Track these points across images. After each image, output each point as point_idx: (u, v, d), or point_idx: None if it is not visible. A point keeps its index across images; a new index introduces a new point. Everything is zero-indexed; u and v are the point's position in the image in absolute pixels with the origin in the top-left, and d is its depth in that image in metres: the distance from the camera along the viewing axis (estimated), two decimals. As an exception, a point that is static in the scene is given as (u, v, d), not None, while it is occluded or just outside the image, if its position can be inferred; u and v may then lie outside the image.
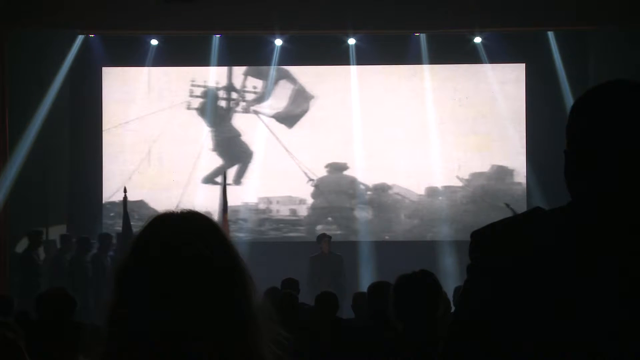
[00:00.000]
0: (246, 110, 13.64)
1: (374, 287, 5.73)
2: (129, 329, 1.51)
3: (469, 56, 13.09)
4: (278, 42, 13.07)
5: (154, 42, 13.13)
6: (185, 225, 1.61)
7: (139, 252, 1.57)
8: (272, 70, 13.46)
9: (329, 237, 11.77)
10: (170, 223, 1.62)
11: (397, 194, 13.44)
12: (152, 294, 1.51)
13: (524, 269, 1.52)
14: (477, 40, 12.97)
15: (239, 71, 13.68)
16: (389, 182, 13.44)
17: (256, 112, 13.63)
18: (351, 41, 13.06)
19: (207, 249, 1.56)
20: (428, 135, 13.31)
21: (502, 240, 1.58)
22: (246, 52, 13.33)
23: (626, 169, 1.54)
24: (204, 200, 13.07)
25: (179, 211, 1.65)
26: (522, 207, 11.69)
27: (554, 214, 1.59)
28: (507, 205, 10.86)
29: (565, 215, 1.57)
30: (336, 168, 13.51)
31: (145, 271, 1.53)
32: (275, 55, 13.22)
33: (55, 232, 12.94)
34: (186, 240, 1.57)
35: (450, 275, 10.85)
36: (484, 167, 13.26)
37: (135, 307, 1.51)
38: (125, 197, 10.52)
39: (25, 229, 12.44)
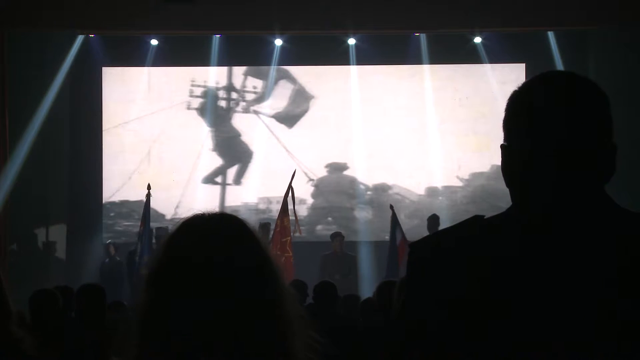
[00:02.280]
0: (246, 110, 13.64)
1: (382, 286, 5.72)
2: (164, 330, 1.51)
3: (469, 56, 13.09)
4: (278, 42, 13.06)
5: (154, 42, 13.12)
6: (220, 229, 1.60)
7: (173, 256, 1.57)
8: (272, 70, 13.46)
9: (342, 236, 11.75)
10: (204, 226, 1.61)
11: (397, 194, 13.43)
12: (188, 298, 1.51)
13: (475, 284, 1.46)
14: (477, 40, 12.97)
15: (239, 71, 13.68)
16: (389, 182, 13.44)
17: (256, 112, 13.62)
18: (351, 41, 13.06)
19: (242, 255, 1.56)
20: (428, 135, 13.31)
21: (448, 255, 1.52)
22: (246, 52, 13.32)
23: (563, 168, 1.49)
24: (204, 200, 13.07)
25: (211, 214, 1.64)
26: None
27: (500, 221, 1.54)
28: (391, 207, 10.93)
29: (511, 222, 1.53)
30: (336, 168, 13.50)
31: (181, 276, 1.53)
32: (276, 55, 13.22)
33: (56, 232, 12.94)
34: (221, 245, 1.57)
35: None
36: (484, 167, 13.25)
37: (171, 309, 1.51)
38: (148, 195, 10.46)
39: (25, 229, 12.46)
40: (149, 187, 10.50)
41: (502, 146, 1.57)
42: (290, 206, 10.34)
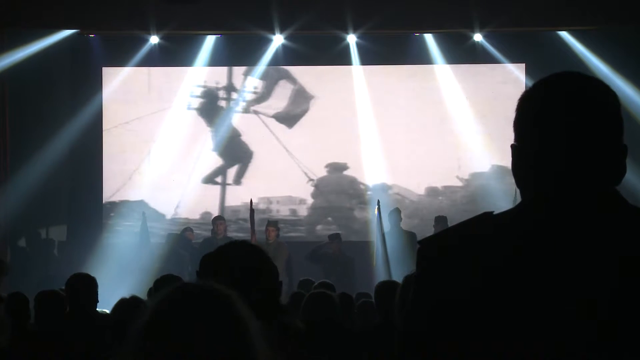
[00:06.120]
0: (246, 110, 13.63)
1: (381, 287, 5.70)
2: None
3: (469, 56, 13.08)
4: (278, 40, 13.04)
5: (154, 41, 13.10)
6: (197, 314, 1.59)
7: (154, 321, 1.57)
8: (272, 70, 13.45)
9: (341, 238, 11.77)
10: (187, 302, 1.62)
11: (397, 194, 13.43)
12: None
13: (485, 281, 1.46)
14: (477, 39, 12.97)
15: (239, 71, 13.67)
16: (389, 182, 13.44)
17: (256, 112, 13.62)
18: (352, 41, 13.05)
19: (219, 338, 1.57)
20: (428, 135, 13.31)
21: (457, 253, 1.52)
22: (246, 52, 13.32)
23: (574, 168, 1.49)
24: (204, 201, 13.08)
25: (193, 285, 1.66)
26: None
27: (508, 218, 1.54)
28: (378, 202, 10.91)
29: (520, 220, 1.52)
30: (336, 168, 13.50)
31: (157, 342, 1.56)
32: (276, 55, 13.21)
33: (56, 232, 12.94)
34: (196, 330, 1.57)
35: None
36: (484, 167, 13.25)
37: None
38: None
39: (25, 229, 12.46)
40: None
41: (512, 146, 1.57)
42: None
